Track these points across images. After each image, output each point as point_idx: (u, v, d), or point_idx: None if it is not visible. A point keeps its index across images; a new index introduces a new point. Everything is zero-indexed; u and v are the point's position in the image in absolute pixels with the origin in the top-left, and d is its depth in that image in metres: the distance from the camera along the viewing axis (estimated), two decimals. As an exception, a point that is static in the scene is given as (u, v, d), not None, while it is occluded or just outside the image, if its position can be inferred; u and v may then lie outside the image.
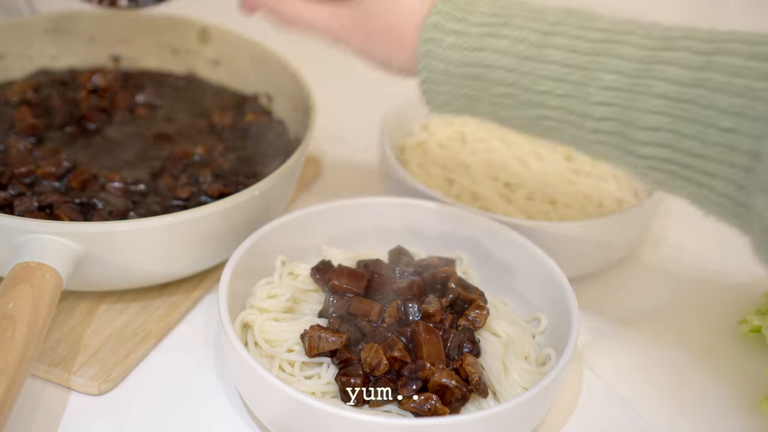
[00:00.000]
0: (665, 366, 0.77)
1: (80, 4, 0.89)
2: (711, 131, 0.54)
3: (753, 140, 0.52)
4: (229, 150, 0.87)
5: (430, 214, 0.81)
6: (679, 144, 0.56)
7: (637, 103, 0.57)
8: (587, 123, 0.59)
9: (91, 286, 0.76)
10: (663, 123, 0.56)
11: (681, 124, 0.55)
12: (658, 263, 0.91)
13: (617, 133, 0.58)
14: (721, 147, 0.54)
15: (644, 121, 0.56)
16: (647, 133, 0.57)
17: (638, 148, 0.58)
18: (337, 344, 0.68)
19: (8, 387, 0.60)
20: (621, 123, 0.57)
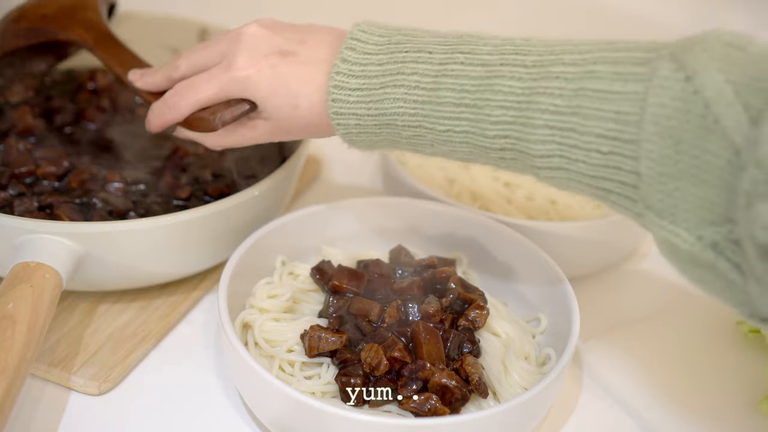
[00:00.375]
0: (665, 366, 0.77)
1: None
2: (594, 155, 0.57)
3: (632, 161, 0.55)
4: (229, 149, 0.87)
5: (430, 214, 0.81)
6: (571, 167, 0.59)
7: (526, 135, 0.59)
8: (491, 153, 0.62)
9: (91, 286, 0.76)
10: (551, 150, 0.59)
11: (568, 151, 0.58)
12: (659, 263, 0.90)
13: (519, 160, 0.61)
14: (606, 168, 0.57)
15: (536, 150, 0.59)
16: (542, 160, 0.60)
17: (539, 172, 0.61)
18: (337, 344, 0.68)
19: (8, 387, 0.60)
20: (518, 152, 0.61)
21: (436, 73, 0.63)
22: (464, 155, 0.64)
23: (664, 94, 0.53)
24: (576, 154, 0.58)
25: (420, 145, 0.66)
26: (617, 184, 0.57)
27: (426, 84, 0.63)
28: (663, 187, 0.54)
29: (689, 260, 0.54)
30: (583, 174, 0.58)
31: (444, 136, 0.63)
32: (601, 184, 0.58)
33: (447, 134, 0.63)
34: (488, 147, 0.62)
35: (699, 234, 0.53)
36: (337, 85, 0.65)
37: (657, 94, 0.53)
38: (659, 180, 0.54)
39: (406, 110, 0.64)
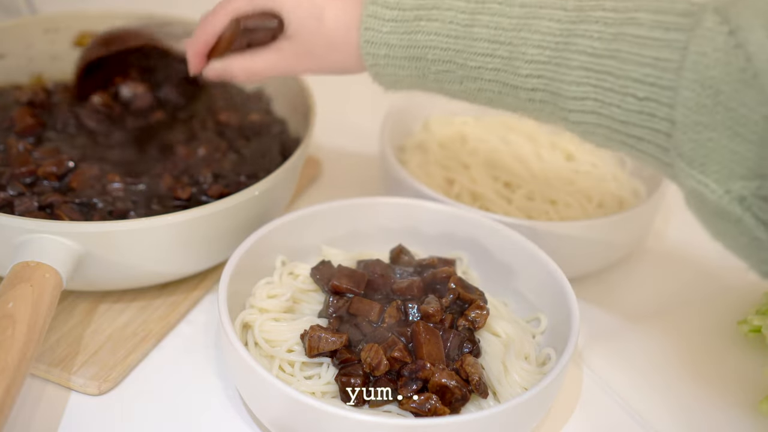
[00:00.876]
0: (665, 366, 0.77)
1: (80, 4, 0.90)
2: (629, 100, 0.57)
3: (667, 108, 0.55)
4: (232, 149, 0.87)
5: (430, 214, 0.81)
6: (604, 111, 0.59)
7: (561, 75, 0.60)
8: (521, 94, 0.63)
9: (91, 285, 0.76)
10: (586, 92, 0.59)
11: (602, 94, 0.59)
12: (658, 263, 0.91)
13: (549, 102, 0.62)
14: (641, 114, 0.57)
15: (570, 91, 0.60)
16: (574, 102, 0.60)
17: (569, 115, 0.61)
18: (337, 344, 0.68)
19: (8, 387, 0.60)
20: (550, 93, 0.61)
21: (473, 11, 0.64)
22: (492, 95, 0.65)
23: (707, 44, 0.53)
24: (611, 98, 0.58)
25: (448, 82, 0.66)
26: (649, 132, 0.57)
27: (461, 20, 0.64)
28: (697, 136, 0.54)
29: (715, 213, 0.54)
30: (614, 119, 0.58)
31: (475, 72, 0.64)
32: (633, 131, 0.58)
33: (478, 71, 0.64)
34: (519, 86, 0.62)
35: (728, 187, 0.53)
36: (371, 14, 0.67)
37: (699, 44, 0.54)
38: (694, 129, 0.54)
39: (439, 44, 0.65)
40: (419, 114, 0.99)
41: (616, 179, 0.93)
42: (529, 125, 0.99)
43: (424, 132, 0.98)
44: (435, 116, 0.99)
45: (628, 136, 0.59)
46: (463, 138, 0.97)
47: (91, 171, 0.80)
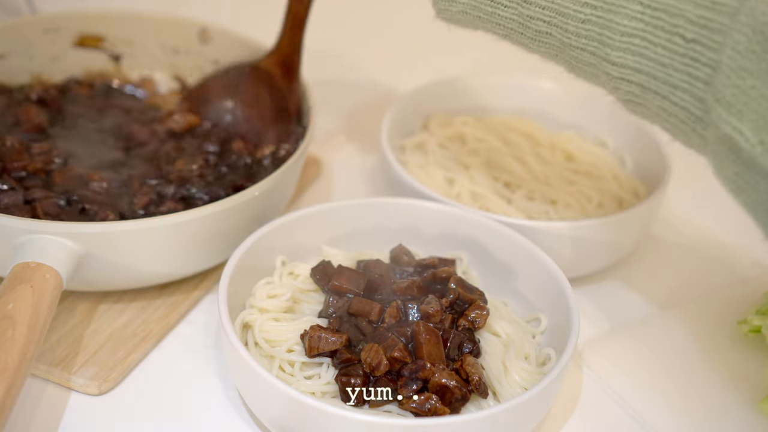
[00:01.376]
0: (665, 366, 0.77)
1: (80, 4, 0.90)
2: (677, 40, 0.57)
3: (712, 52, 0.55)
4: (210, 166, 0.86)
5: (430, 214, 0.81)
6: (649, 52, 0.59)
7: (616, 8, 0.60)
8: (571, 25, 0.63)
9: (91, 286, 0.76)
10: (637, 29, 0.59)
11: (652, 32, 0.59)
12: (658, 263, 0.91)
13: (596, 39, 0.62)
14: (684, 57, 0.57)
15: (621, 26, 0.60)
16: (622, 40, 0.60)
17: (613, 54, 0.61)
18: (337, 344, 0.68)
19: (8, 387, 0.60)
20: (600, 26, 0.61)
21: None
22: (539, 25, 0.65)
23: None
24: (659, 37, 0.58)
25: (504, 4, 0.66)
26: (688, 78, 0.57)
27: None
28: (740, 81, 0.53)
29: (746, 163, 0.54)
30: (656, 62, 0.58)
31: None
32: (672, 76, 0.58)
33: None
34: (571, 15, 0.63)
35: (762, 137, 0.52)
36: None
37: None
38: (738, 73, 0.53)
39: None
40: (419, 114, 0.99)
41: (616, 179, 0.93)
42: (529, 125, 0.99)
43: (424, 132, 0.98)
44: (435, 116, 0.99)
45: (665, 83, 0.58)
46: (463, 138, 0.97)
47: (76, 169, 0.80)
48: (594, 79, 0.65)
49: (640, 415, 0.73)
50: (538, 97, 1.00)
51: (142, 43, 0.99)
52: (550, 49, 0.66)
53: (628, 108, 0.64)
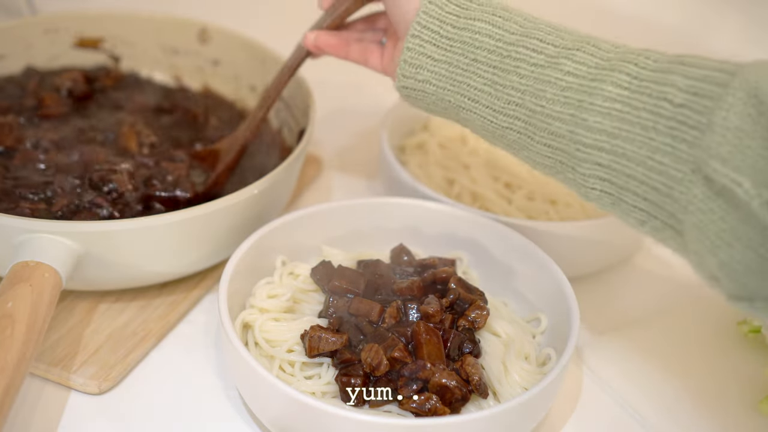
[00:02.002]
0: (665, 366, 0.77)
1: (80, 4, 0.90)
2: (664, 105, 0.58)
3: (701, 116, 0.55)
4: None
5: (430, 214, 0.80)
6: (631, 117, 0.59)
7: (603, 77, 0.61)
8: (549, 92, 0.63)
9: (90, 285, 0.76)
10: (621, 96, 0.60)
11: (638, 99, 0.59)
12: (659, 263, 0.91)
13: (574, 106, 0.62)
14: (670, 120, 0.57)
15: (605, 92, 0.60)
16: (604, 105, 0.60)
17: (591, 119, 0.61)
18: (337, 345, 0.68)
19: (7, 386, 0.60)
20: (582, 93, 0.62)
21: (524, 32, 0.66)
22: (511, 94, 0.65)
23: (760, 71, 0.54)
24: (644, 102, 0.58)
25: (479, 84, 0.67)
26: (670, 141, 0.57)
27: (504, 43, 0.66)
28: (737, 141, 0.53)
29: (743, 215, 0.53)
30: (638, 125, 0.58)
31: (513, 78, 0.65)
32: (652, 139, 0.58)
33: (516, 77, 0.65)
34: (552, 83, 0.63)
35: (761, 192, 0.52)
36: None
37: (751, 71, 0.54)
38: (734, 134, 0.53)
39: (490, 45, 0.67)
40: (419, 114, 0.99)
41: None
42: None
43: (424, 132, 0.98)
44: (435, 116, 0.99)
45: (644, 147, 0.58)
46: (463, 138, 0.97)
47: (34, 154, 0.82)
48: (558, 166, 0.65)
49: (639, 415, 0.73)
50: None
51: (141, 44, 0.99)
52: (516, 125, 0.66)
53: (591, 197, 0.64)
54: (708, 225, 0.55)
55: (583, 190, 0.64)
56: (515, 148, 0.67)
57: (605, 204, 0.63)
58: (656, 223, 0.60)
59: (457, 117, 0.70)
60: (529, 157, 0.67)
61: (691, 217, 0.56)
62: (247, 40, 0.95)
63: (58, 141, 0.85)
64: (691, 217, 0.56)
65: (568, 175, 0.64)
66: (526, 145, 0.66)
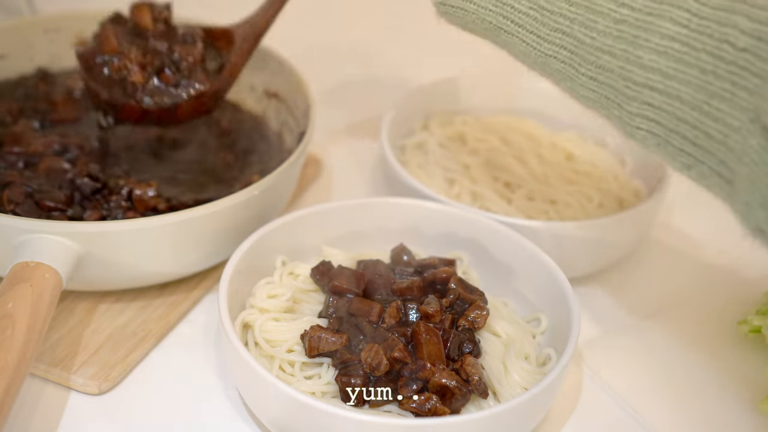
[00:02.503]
0: (665, 366, 0.77)
1: (80, 5, 0.89)
2: (726, 47, 0.55)
3: (764, 63, 0.53)
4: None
5: (430, 214, 0.81)
6: (689, 58, 0.56)
7: (660, 11, 0.58)
8: (600, 24, 0.60)
9: (90, 285, 0.76)
10: (680, 34, 0.57)
11: (697, 39, 0.56)
12: (658, 263, 0.91)
13: (628, 41, 0.59)
14: (731, 65, 0.54)
15: (662, 29, 0.57)
16: (661, 42, 0.57)
17: (645, 57, 0.58)
18: (337, 345, 0.68)
19: (8, 386, 0.60)
20: (637, 28, 0.58)
21: None
22: (558, 21, 0.62)
23: None
24: (704, 43, 0.55)
25: (528, 29, 0.63)
26: (730, 86, 0.54)
27: None
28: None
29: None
30: (696, 67, 0.56)
31: None
32: (710, 84, 0.55)
33: None
34: (605, 14, 0.60)
35: None
36: None
37: None
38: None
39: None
40: (419, 114, 0.99)
41: (616, 179, 0.93)
42: (529, 125, 0.99)
43: (424, 132, 0.98)
44: (435, 116, 0.99)
45: (701, 91, 0.56)
46: (463, 138, 0.97)
47: (58, 162, 0.81)
48: (603, 101, 0.62)
49: (639, 415, 0.73)
50: (538, 97, 1.00)
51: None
52: (561, 54, 0.63)
53: (636, 136, 0.61)
54: (762, 178, 0.53)
55: (628, 129, 0.61)
56: (557, 78, 0.64)
57: (650, 144, 0.60)
58: (703, 168, 0.57)
59: (496, 39, 0.67)
60: (572, 89, 0.64)
61: (744, 168, 0.54)
62: (247, 40, 0.95)
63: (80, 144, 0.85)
64: (744, 168, 0.54)
65: (614, 111, 0.61)
66: (570, 75, 0.63)
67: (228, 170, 0.87)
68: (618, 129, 0.62)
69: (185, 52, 0.79)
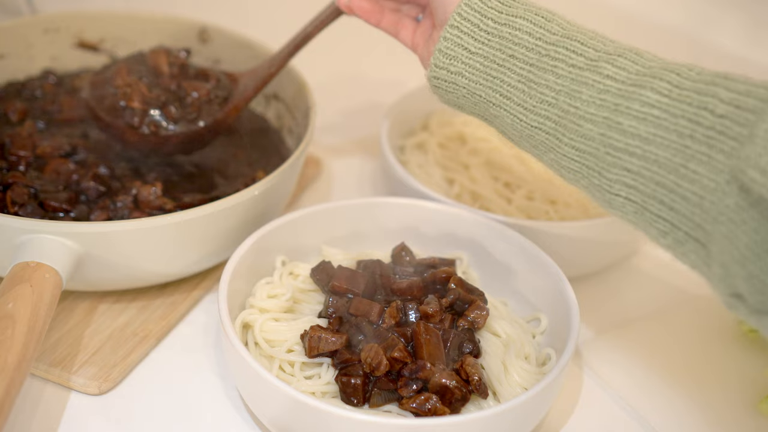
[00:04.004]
0: (665, 366, 0.77)
1: (80, 5, 0.89)
2: (704, 114, 0.57)
3: (742, 128, 0.54)
4: None
5: (430, 214, 0.81)
6: (668, 123, 0.58)
7: (643, 82, 0.60)
8: (585, 94, 0.62)
9: (91, 286, 0.76)
10: (660, 102, 0.59)
11: (677, 107, 0.58)
12: (658, 263, 0.91)
13: (610, 109, 0.61)
14: (709, 130, 0.56)
15: (644, 98, 0.59)
16: (641, 110, 0.59)
17: (626, 123, 0.60)
18: (337, 345, 0.68)
19: (8, 387, 0.60)
20: (619, 97, 0.61)
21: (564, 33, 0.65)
22: (544, 93, 0.64)
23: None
24: (684, 111, 0.57)
25: (513, 81, 0.66)
26: (706, 150, 0.56)
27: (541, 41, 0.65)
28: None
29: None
30: (675, 132, 0.57)
31: (548, 76, 0.64)
32: (687, 147, 0.57)
33: (551, 76, 0.64)
34: (590, 85, 0.62)
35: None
36: None
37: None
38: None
39: (530, 43, 0.66)
40: (419, 114, 0.99)
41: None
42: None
43: (424, 132, 0.98)
44: (435, 116, 0.99)
45: (679, 154, 0.57)
46: (463, 138, 0.97)
47: (65, 164, 0.81)
48: (584, 170, 0.63)
49: (640, 415, 0.73)
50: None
51: (142, 44, 0.98)
52: (546, 125, 0.65)
53: (614, 204, 0.63)
54: (739, 236, 0.54)
55: (607, 197, 0.63)
56: (541, 150, 0.66)
57: (627, 212, 0.62)
58: (679, 234, 0.59)
59: (485, 113, 0.69)
60: (554, 160, 0.66)
61: (720, 228, 0.55)
62: (246, 40, 0.95)
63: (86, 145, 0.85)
64: (720, 228, 0.55)
65: (594, 180, 0.63)
66: (553, 146, 0.65)
67: (232, 168, 0.87)
68: (597, 199, 0.64)
69: (191, 87, 0.82)
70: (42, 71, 0.96)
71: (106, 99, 0.82)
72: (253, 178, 0.82)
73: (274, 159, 0.88)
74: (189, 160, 0.87)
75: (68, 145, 0.83)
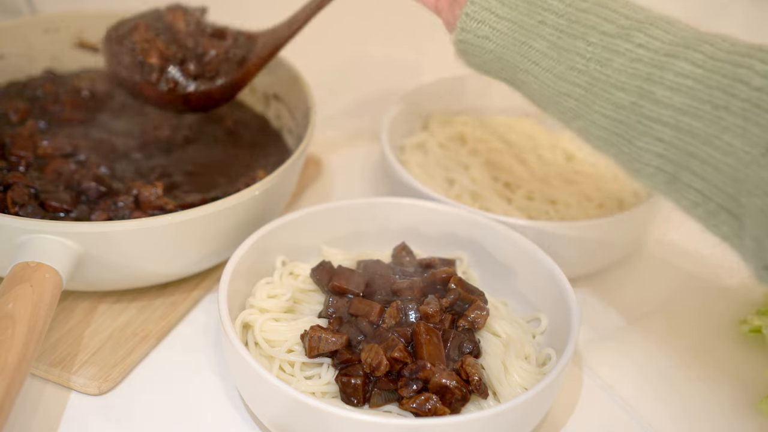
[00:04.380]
0: (665, 366, 0.77)
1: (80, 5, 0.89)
2: (740, 86, 0.56)
3: None
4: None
5: (430, 214, 0.81)
6: (702, 94, 0.57)
7: (676, 52, 0.59)
8: (616, 62, 0.61)
9: (91, 286, 0.76)
10: (694, 73, 0.58)
11: (710, 77, 0.57)
12: (658, 263, 0.91)
13: (642, 77, 0.60)
14: (745, 102, 0.55)
15: (677, 68, 0.59)
16: (675, 80, 0.59)
17: (659, 93, 0.59)
18: (337, 345, 0.68)
19: (8, 387, 0.60)
20: (652, 66, 0.60)
21: None
22: (575, 60, 0.64)
23: None
24: (718, 82, 0.57)
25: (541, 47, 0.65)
26: (741, 122, 0.55)
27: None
28: None
29: None
30: (709, 103, 0.57)
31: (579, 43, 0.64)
32: (722, 119, 0.56)
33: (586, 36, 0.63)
34: (622, 54, 0.61)
35: None
36: None
37: None
38: None
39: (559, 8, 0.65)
40: (419, 114, 0.99)
41: (616, 179, 0.93)
42: (529, 125, 0.99)
43: (424, 132, 0.98)
44: (435, 116, 0.99)
45: (713, 125, 0.56)
46: (463, 138, 0.97)
47: (66, 164, 0.81)
48: (614, 138, 0.62)
49: (640, 415, 0.73)
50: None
51: (142, 43, 0.98)
52: (575, 92, 0.64)
53: (643, 173, 0.62)
54: None
55: (637, 166, 0.62)
56: (569, 117, 0.65)
57: (658, 182, 0.61)
58: (711, 206, 0.58)
59: (513, 79, 0.68)
60: (583, 128, 0.65)
61: (756, 201, 0.54)
62: (247, 40, 0.95)
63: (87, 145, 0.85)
64: (756, 201, 0.54)
65: (623, 148, 0.62)
66: (582, 113, 0.64)
67: (232, 169, 0.87)
68: (626, 167, 0.63)
69: (209, 45, 0.81)
70: (43, 71, 0.96)
71: (123, 54, 0.81)
72: (254, 178, 0.82)
73: (274, 159, 0.88)
74: (189, 160, 0.87)
75: (69, 146, 0.83)
